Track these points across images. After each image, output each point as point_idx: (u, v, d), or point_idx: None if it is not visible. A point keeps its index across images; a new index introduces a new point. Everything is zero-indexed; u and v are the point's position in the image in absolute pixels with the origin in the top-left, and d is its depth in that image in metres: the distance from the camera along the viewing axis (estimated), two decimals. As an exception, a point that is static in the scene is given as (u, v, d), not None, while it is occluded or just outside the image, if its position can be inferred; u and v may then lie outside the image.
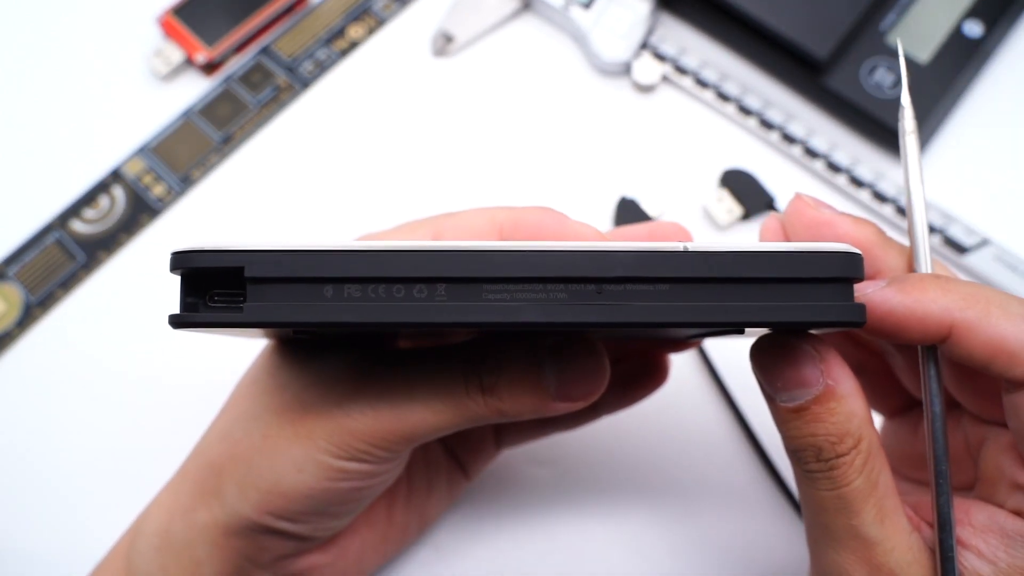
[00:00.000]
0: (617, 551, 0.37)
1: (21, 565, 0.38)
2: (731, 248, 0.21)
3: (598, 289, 0.21)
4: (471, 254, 0.21)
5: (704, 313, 0.21)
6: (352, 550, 0.32)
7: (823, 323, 0.22)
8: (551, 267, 0.21)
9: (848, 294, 0.22)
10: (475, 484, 0.37)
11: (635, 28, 0.45)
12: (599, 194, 0.43)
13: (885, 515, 0.24)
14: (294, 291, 0.21)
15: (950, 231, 0.41)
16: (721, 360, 0.40)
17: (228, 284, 0.22)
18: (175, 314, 0.22)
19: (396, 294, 0.21)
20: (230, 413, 0.29)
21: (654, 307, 0.21)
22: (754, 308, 0.22)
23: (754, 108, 0.44)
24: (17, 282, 0.43)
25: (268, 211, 0.44)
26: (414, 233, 0.28)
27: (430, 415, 0.26)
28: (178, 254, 0.22)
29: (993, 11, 0.44)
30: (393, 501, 0.34)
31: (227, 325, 0.22)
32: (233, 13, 0.47)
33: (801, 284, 0.22)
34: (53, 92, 0.47)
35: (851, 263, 0.22)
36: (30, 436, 0.40)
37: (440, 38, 0.47)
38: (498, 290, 0.21)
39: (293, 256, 0.21)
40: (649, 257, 0.21)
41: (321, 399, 0.27)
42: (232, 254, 0.21)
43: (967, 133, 0.44)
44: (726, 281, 0.21)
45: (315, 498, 0.27)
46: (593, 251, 0.21)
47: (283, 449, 0.27)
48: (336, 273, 0.21)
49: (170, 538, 0.29)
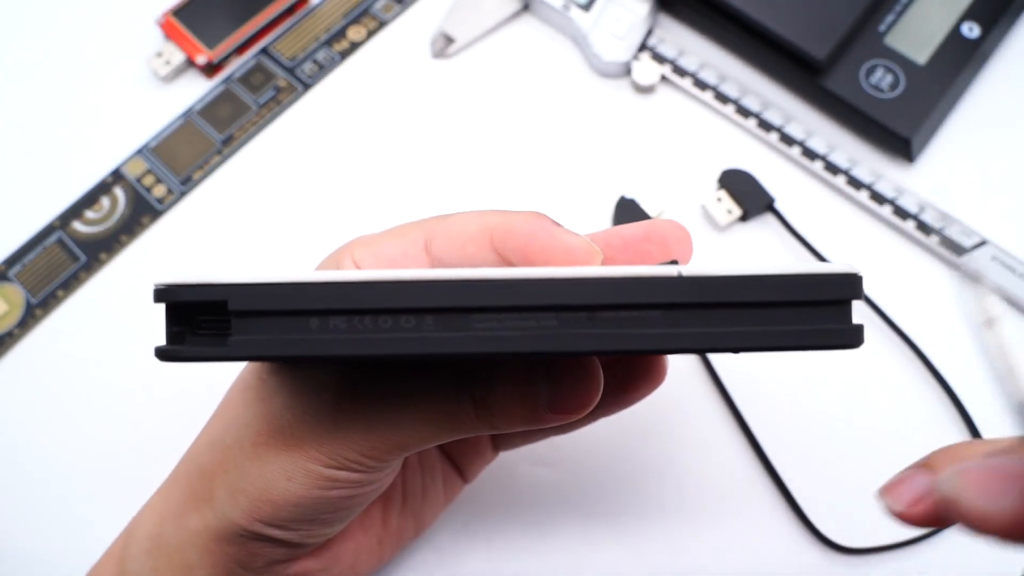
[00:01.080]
0: (617, 552, 0.37)
1: (21, 565, 0.38)
2: (727, 272, 0.21)
3: (589, 316, 0.21)
4: (458, 284, 0.21)
5: (699, 340, 0.21)
6: (346, 555, 0.32)
7: (822, 346, 0.21)
8: (541, 296, 0.21)
9: (847, 316, 0.21)
10: (475, 485, 0.37)
11: (634, 29, 0.45)
12: (599, 194, 0.43)
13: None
14: (279, 324, 0.21)
15: (948, 232, 0.41)
16: (722, 362, 0.40)
17: (215, 311, 0.21)
18: (161, 347, 0.22)
19: (383, 325, 0.21)
20: (221, 419, 0.29)
21: (647, 334, 0.21)
22: (751, 333, 0.21)
23: (753, 109, 0.44)
24: (18, 283, 0.43)
25: (268, 212, 0.44)
26: (406, 236, 0.27)
27: (421, 427, 0.26)
28: (161, 288, 0.21)
29: (991, 12, 0.44)
30: (388, 505, 0.33)
31: (212, 359, 0.21)
32: (234, 15, 0.47)
33: (798, 307, 0.21)
34: (54, 93, 0.47)
35: (851, 284, 0.21)
36: (31, 436, 0.40)
37: (440, 39, 0.47)
38: (487, 319, 0.21)
39: (277, 289, 0.21)
40: (641, 284, 0.21)
41: (311, 408, 0.26)
42: (215, 287, 0.21)
43: (965, 134, 0.44)
44: (722, 306, 0.21)
45: (305, 506, 0.27)
46: (584, 279, 0.21)
47: (272, 457, 0.27)
48: (321, 305, 0.21)
49: (162, 542, 0.29)
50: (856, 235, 0.42)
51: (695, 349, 0.21)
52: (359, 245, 0.28)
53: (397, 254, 0.27)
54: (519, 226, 0.26)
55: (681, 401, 0.39)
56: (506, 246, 0.26)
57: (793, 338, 0.21)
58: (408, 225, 0.28)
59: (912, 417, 0.39)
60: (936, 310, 0.41)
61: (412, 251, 0.27)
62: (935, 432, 0.38)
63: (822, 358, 0.40)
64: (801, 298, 0.21)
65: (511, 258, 0.26)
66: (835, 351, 0.22)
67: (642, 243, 0.28)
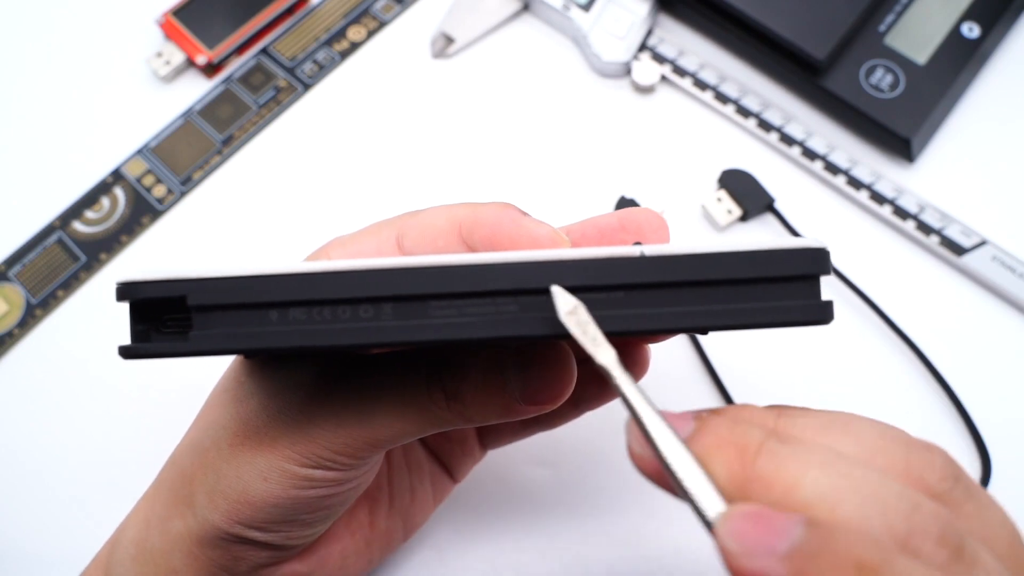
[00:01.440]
0: (617, 550, 0.37)
1: (21, 565, 0.38)
2: (689, 251, 0.21)
3: (549, 299, 0.20)
4: (415, 271, 0.21)
5: (664, 320, 0.21)
6: (333, 558, 0.32)
7: (790, 323, 0.21)
8: (499, 280, 0.20)
9: (816, 292, 0.21)
10: (475, 486, 0.37)
11: (634, 29, 0.45)
12: (599, 194, 0.43)
13: None
14: (239, 318, 0.21)
15: (948, 232, 0.41)
16: (716, 355, 0.40)
17: (178, 308, 0.21)
18: (125, 345, 0.22)
19: (342, 315, 0.21)
20: (201, 422, 0.29)
21: (611, 316, 0.20)
22: (717, 312, 0.21)
23: (753, 109, 0.44)
24: (18, 283, 0.43)
25: (268, 212, 0.44)
26: (379, 234, 0.27)
27: (394, 421, 0.26)
28: (122, 285, 0.21)
29: (991, 12, 0.44)
30: (375, 506, 0.33)
31: (174, 354, 0.21)
32: (234, 15, 0.47)
33: (765, 284, 0.21)
34: (54, 93, 0.47)
35: (818, 259, 0.21)
36: (31, 437, 0.40)
37: (440, 39, 0.47)
38: (445, 306, 0.21)
39: (234, 282, 0.21)
40: (602, 264, 0.20)
41: (286, 407, 0.26)
42: (174, 283, 0.21)
43: (965, 134, 0.44)
44: (686, 285, 0.21)
45: (283, 507, 0.27)
46: (542, 261, 0.20)
47: (248, 458, 0.27)
48: (279, 297, 0.21)
49: (147, 547, 0.29)
50: (856, 235, 0.42)
51: (660, 330, 0.21)
52: (335, 246, 0.28)
53: (371, 252, 0.27)
54: (485, 217, 0.26)
55: (678, 397, 0.39)
56: (473, 237, 0.26)
57: (761, 315, 0.21)
58: (381, 223, 0.28)
59: (912, 416, 0.39)
60: (936, 310, 0.41)
61: (385, 248, 0.27)
62: (935, 431, 0.38)
63: (823, 358, 0.40)
64: (768, 274, 0.21)
65: (479, 248, 0.26)
66: (808, 327, 0.21)
67: (617, 232, 0.27)
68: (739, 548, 0.17)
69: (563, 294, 0.20)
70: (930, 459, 0.19)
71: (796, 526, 0.17)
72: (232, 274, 0.21)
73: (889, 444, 0.19)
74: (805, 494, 0.18)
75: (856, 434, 0.20)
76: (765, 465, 0.18)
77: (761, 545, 0.17)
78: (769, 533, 0.17)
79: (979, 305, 0.41)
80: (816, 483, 0.18)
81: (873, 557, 0.17)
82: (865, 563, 0.16)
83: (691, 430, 0.20)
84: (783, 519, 0.17)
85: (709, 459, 0.19)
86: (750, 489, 0.18)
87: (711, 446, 0.19)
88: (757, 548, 0.17)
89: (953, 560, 0.17)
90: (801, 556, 0.17)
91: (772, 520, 0.17)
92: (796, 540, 0.17)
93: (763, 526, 0.17)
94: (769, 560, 0.17)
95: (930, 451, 0.20)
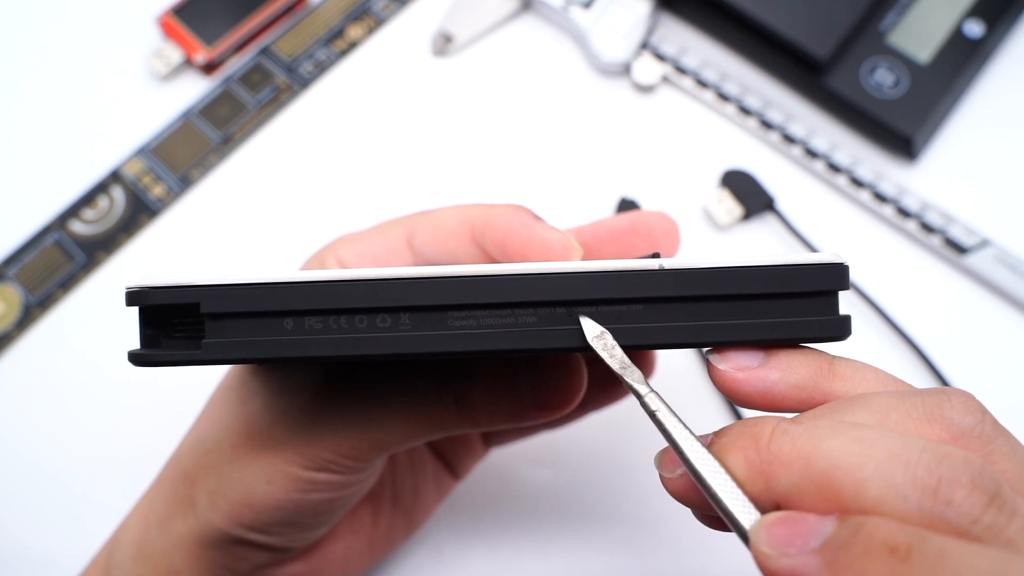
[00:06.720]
0: (617, 552, 0.37)
1: (21, 565, 0.38)
2: (710, 265, 0.20)
3: (569, 312, 0.20)
4: (434, 281, 0.20)
5: (683, 334, 0.20)
6: (335, 557, 0.32)
7: (809, 339, 0.21)
8: (518, 292, 0.20)
9: (834, 307, 0.21)
10: (475, 486, 0.37)
11: (635, 28, 0.45)
12: (599, 194, 0.43)
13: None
14: (253, 326, 0.20)
15: (950, 232, 0.41)
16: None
17: (189, 313, 0.21)
18: (136, 352, 0.21)
19: (359, 324, 0.20)
20: (204, 421, 0.29)
21: (629, 329, 0.20)
22: (736, 327, 0.20)
23: (754, 108, 0.44)
24: (16, 283, 0.43)
25: (267, 211, 0.44)
26: (389, 232, 0.27)
27: (400, 426, 0.25)
28: (133, 291, 0.21)
29: (993, 11, 0.44)
30: (378, 505, 0.33)
31: (187, 363, 0.21)
32: (232, 13, 0.47)
33: (784, 299, 0.21)
34: (52, 92, 0.47)
35: (837, 274, 0.21)
36: (30, 436, 0.40)
37: (440, 38, 0.47)
38: (464, 317, 0.20)
39: (250, 290, 0.20)
40: (623, 278, 0.20)
41: (290, 408, 0.26)
42: (187, 289, 0.21)
43: (967, 133, 0.44)
44: (705, 299, 0.20)
45: (285, 510, 0.27)
46: (563, 274, 0.20)
47: (251, 460, 0.26)
48: (295, 306, 0.20)
49: (147, 548, 0.29)
50: (858, 235, 0.42)
51: (678, 344, 0.21)
52: (343, 243, 0.28)
53: (381, 251, 0.27)
54: (498, 220, 0.25)
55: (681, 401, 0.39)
56: (485, 240, 0.26)
57: (779, 330, 0.21)
58: (391, 222, 0.28)
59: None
60: (938, 311, 0.40)
61: (395, 247, 0.27)
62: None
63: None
64: (787, 289, 0.21)
65: (490, 252, 0.26)
66: (824, 343, 0.21)
67: (628, 235, 0.27)
68: (774, 550, 0.18)
69: (589, 322, 0.20)
70: (946, 399, 0.20)
71: (828, 523, 0.18)
72: (247, 281, 0.21)
73: (899, 401, 0.20)
74: (823, 465, 0.18)
75: (864, 402, 0.20)
76: (780, 446, 0.19)
77: (794, 544, 0.18)
78: (802, 533, 0.18)
79: (982, 306, 0.41)
80: (832, 451, 0.18)
81: (904, 539, 0.17)
82: (897, 545, 0.17)
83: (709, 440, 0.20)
84: (815, 519, 0.18)
85: (727, 454, 0.20)
86: (770, 472, 0.19)
87: (727, 443, 0.20)
88: (790, 547, 0.18)
89: (989, 505, 0.17)
90: (832, 547, 0.17)
91: (804, 520, 0.18)
92: (828, 535, 0.17)
93: (796, 527, 0.18)
94: (802, 557, 0.17)
95: (945, 392, 0.20)
